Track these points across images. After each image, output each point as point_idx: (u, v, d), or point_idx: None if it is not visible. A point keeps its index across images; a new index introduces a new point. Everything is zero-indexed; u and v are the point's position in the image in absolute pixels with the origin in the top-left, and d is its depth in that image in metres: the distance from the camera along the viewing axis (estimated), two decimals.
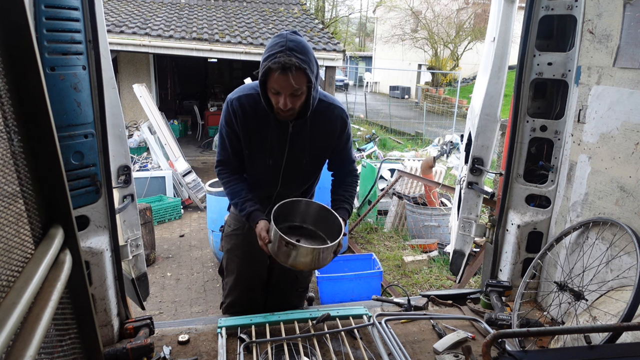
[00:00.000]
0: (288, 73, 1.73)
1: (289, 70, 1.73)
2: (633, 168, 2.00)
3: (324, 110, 1.99)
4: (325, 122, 2.02)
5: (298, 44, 1.77)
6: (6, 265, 0.85)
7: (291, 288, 2.43)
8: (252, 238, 2.25)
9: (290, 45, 1.75)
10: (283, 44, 1.75)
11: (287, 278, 2.38)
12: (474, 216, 2.89)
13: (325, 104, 2.01)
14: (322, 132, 2.03)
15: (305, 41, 1.82)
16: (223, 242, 2.39)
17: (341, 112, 2.06)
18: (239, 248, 2.30)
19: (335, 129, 2.05)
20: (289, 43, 1.75)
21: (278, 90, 1.79)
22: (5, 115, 0.91)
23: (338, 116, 2.04)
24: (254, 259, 2.30)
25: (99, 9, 1.95)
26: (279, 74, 1.74)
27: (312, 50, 1.84)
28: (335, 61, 8.88)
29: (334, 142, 2.09)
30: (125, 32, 8.48)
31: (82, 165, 1.97)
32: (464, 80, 20.88)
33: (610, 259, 2.10)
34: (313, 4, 23.39)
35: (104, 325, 2.17)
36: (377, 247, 5.66)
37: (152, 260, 5.14)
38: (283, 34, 1.80)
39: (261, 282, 2.40)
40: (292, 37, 1.78)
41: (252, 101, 1.96)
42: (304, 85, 1.79)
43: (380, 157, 9.81)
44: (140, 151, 9.04)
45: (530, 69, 2.44)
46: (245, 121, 1.98)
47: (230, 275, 2.37)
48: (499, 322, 2.27)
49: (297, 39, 1.78)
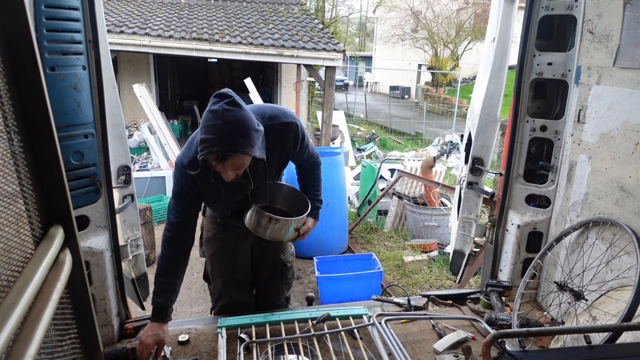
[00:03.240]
0: (227, 159, 1.65)
1: (228, 158, 1.64)
2: (633, 168, 2.00)
3: (277, 133, 1.93)
4: (279, 141, 1.96)
5: (237, 125, 1.62)
6: (6, 265, 0.85)
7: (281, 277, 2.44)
8: (233, 238, 2.29)
9: (228, 131, 1.60)
10: (219, 128, 1.59)
11: (275, 268, 2.40)
12: (474, 216, 2.89)
13: (276, 126, 1.92)
14: (278, 151, 2.00)
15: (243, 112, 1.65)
16: (204, 247, 2.38)
17: (291, 125, 1.97)
18: (222, 251, 2.31)
19: (290, 143, 2.01)
20: (226, 128, 1.59)
21: (220, 169, 1.73)
22: (5, 115, 0.91)
23: (290, 131, 1.98)
24: (238, 259, 2.32)
25: (99, 9, 1.95)
26: (216, 161, 1.66)
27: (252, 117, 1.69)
28: (335, 61, 8.88)
29: (292, 152, 2.07)
30: (125, 32, 8.48)
31: (82, 165, 1.98)
32: (464, 80, 20.88)
33: (610, 259, 2.10)
34: (313, 4, 23.36)
35: (104, 325, 2.17)
36: (377, 247, 5.66)
37: (152, 260, 5.14)
38: (218, 110, 1.61)
39: (248, 281, 2.42)
40: (229, 115, 1.60)
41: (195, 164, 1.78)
42: (246, 162, 1.73)
43: (380, 157, 9.82)
44: (140, 151, 9.04)
45: (530, 69, 2.44)
46: (202, 183, 1.92)
47: (217, 279, 2.38)
48: (499, 322, 2.27)
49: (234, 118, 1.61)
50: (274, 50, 8.71)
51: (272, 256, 2.38)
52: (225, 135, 1.60)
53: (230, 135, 1.61)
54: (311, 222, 2.16)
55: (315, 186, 2.26)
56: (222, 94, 1.65)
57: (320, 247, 5.06)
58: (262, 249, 2.36)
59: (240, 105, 1.65)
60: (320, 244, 5.08)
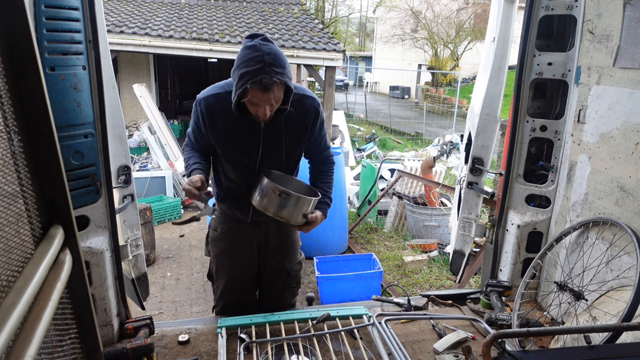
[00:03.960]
0: (269, 90, 1.71)
1: (270, 88, 1.70)
2: (633, 168, 2.00)
3: (296, 103, 1.95)
4: (298, 114, 1.98)
5: (275, 56, 1.71)
6: (6, 265, 0.85)
7: (284, 285, 2.41)
8: (240, 239, 2.26)
9: (268, 60, 1.68)
10: (260, 58, 1.68)
11: (279, 275, 2.37)
12: (474, 216, 2.89)
13: (297, 97, 1.95)
14: (295, 125, 2.01)
15: (277, 47, 1.77)
16: (210, 246, 2.37)
17: (313, 101, 2.03)
18: (228, 251, 2.29)
19: (309, 119, 2.03)
20: (266, 57, 1.68)
21: (257, 103, 1.77)
22: (5, 115, 0.91)
23: (310, 106, 2.01)
24: (244, 260, 2.30)
25: (99, 9, 1.95)
26: (259, 91, 1.71)
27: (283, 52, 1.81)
28: (335, 61, 8.87)
29: (308, 132, 2.08)
30: (125, 32, 8.48)
31: (82, 165, 1.97)
32: (464, 80, 20.89)
33: (610, 259, 2.10)
34: (313, 4, 23.38)
35: (104, 325, 2.17)
36: (377, 247, 5.66)
37: (152, 260, 5.14)
38: (255, 45, 1.72)
39: (252, 282, 2.39)
40: (266, 48, 1.71)
41: (220, 101, 1.93)
42: (281, 96, 1.78)
43: (380, 157, 9.82)
44: (140, 151, 9.04)
45: (530, 69, 2.44)
46: (213, 122, 1.96)
47: (221, 279, 2.36)
48: (499, 322, 2.27)
49: (272, 50, 1.72)
50: None
51: (276, 263, 2.34)
52: (267, 64, 1.68)
53: (272, 64, 1.69)
54: (319, 214, 2.09)
55: (327, 183, 2.22)
56: (254, 34, 1.79)
57: (320, 247, 5.07)
58: (268, 254, 2.32)
59: (272, 42, 1.77)
60: (320, 244, 5.08)
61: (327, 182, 2.22)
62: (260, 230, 2.26)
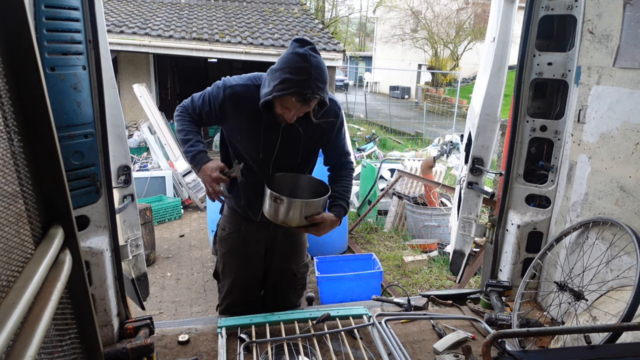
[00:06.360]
0: (308, 103, 1.74)
1: (310, 102, 1.73)
2: (633, 168, 2.00)
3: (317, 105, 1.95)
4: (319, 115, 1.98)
5: (321, 71, 1.72)
6: (6, 265, 0.85)
7: (289, 287, 2.42)
8: (248, 240, 2.25)
9: (315, 75, 1.69)
10: (308, 70, 1.69)
11: (285, 277, 2.37)
12: (474, 216, 2.89)
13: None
14: (315, 127, 2.00)
15: (322, 59, 1.77)
16: (217, 245, 2.36)
17: (333, 104, 2.03)
18: (235, 251, 2.29)
19: (328, 123, 2.02)
20: (313, 71, 1.69)
21: (289, 108, 1.78)
22: (5, 115, 0.91)
23: (331, 109, 2.00)
24: (250, 261, 2.30)
25: (99, 9, 1.95)
26: (298, 102, 1.73)
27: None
28: (335, 61, 8.89)
29: (327, 136, 2.08)
30: (125, 32, 8.48)
31: (82, 165, 1.97)
32: (464, 80, 20.88)
33: (610, 259, 2.10)
34: (313, 4, 23.38)
35: (104, 325, 2.17)
36: (377, 247, 5.66)
37: (152, 260, 5.14)
38: (306, 54, 1.71)
39: (258, 283, 2.39)
40: (315, 60, 1.71)
41: (247, 93, 1.94)
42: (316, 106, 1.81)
43: (380, 157, 9.80)
44: (140, 151, 9.04)
45: (530, 69, 2.44)
46: (236, 112, 1.97)
47: (227, 278, 2.36)
48: (499, 322, 2.27)
49: (319, 64, 1.73)
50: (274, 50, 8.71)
51: (283, 264, 2.34)
52: (312, 77, 1.69)
53: (317, 79, 1.71)
54: (329, 216, 1.99)
55: (343, 186, 2.14)
56: (304, 40, 1.77)
57: (320, 247, 5.06)
58: (275, 256, 2.32)
59: (319, 53, 1.78)
60: (320, 244, 5.08)
61: (344, 186, 2.15)
62: (268, 231, 2.27)
